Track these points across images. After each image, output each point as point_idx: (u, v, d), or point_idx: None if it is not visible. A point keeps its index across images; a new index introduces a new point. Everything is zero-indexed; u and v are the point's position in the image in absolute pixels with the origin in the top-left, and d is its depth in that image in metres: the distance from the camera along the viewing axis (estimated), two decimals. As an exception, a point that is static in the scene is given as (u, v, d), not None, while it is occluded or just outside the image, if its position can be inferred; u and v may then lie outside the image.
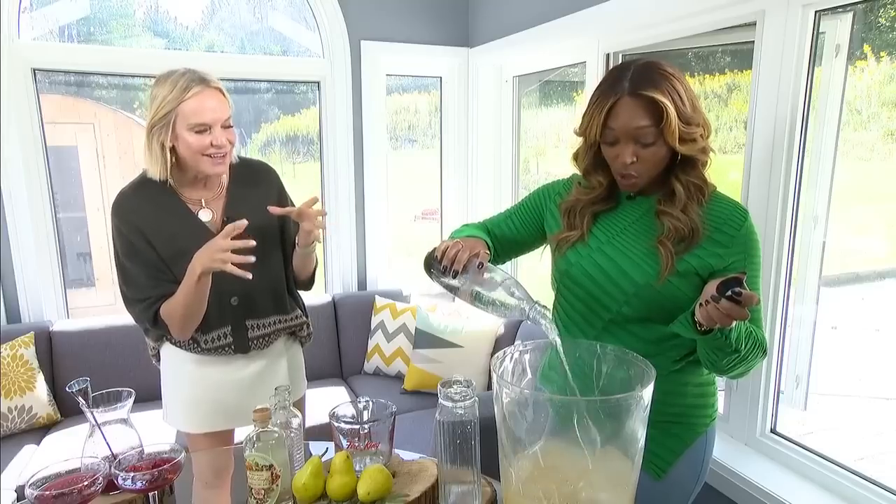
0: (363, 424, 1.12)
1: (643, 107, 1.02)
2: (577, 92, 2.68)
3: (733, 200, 1.16)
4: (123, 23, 2.76)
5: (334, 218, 2.96)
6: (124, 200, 1.42)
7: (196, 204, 1.45)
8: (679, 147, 1.04)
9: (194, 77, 1.33)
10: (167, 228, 1.40)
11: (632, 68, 1.06)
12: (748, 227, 1.12)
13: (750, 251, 1.11)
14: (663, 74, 1.04)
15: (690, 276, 1.09)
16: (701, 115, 1.07)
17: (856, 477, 1.44)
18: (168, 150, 1.36)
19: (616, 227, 1.18)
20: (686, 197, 1.08)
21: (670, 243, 1.08)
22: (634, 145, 1.05)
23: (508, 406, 0.90)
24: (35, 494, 0.93)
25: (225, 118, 1.37)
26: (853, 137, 1.75)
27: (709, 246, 1.10)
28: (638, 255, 1.13)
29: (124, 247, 1.40)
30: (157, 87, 1.35)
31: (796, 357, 1.76)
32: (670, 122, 1.01)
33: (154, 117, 1.33)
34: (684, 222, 1.08)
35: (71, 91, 2.85)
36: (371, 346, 2.81)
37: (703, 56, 2.41)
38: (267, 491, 1.02)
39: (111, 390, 1.10)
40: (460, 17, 2.99)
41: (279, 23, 2.87)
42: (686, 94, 1.04)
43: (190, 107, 1.32)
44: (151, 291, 1.39)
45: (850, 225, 1.88)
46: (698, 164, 1.09)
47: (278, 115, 3.21)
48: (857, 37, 1.54)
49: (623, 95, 1.03)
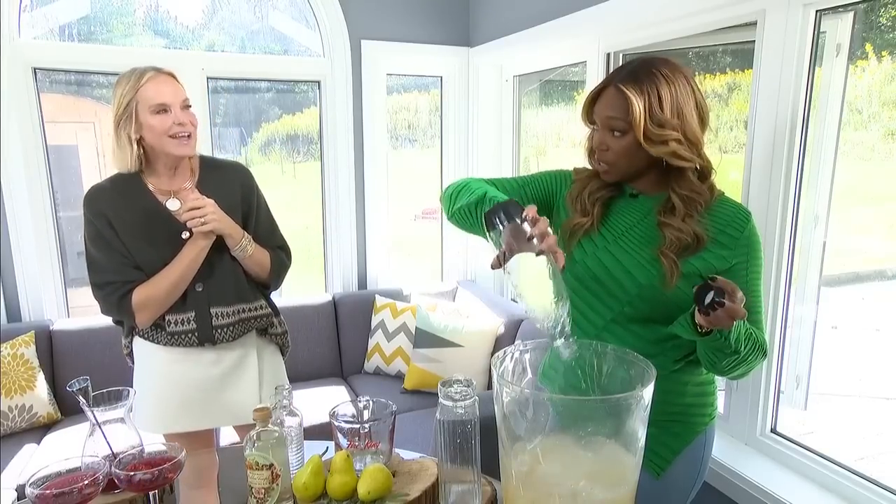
0: (363, 424, 1.12)
1: (618, 98, 1.07)
2: (577, 91, 2.68)
3: (737, 203, 1.16)
4: (124, 22, 2.76)
5: (335, 217, 2.96)
6: (95, 192, 1.48)
7: (165, 195, 1.50)
8: (645, 144, 1.07)
9: (147, 67, 1.44)
10: (135, 217, 1.46)
11: (630, 62, 1.11)
12: (751, 228, 1.13)
13: (752, 253, 1.12)
14: (652, 74, 1.06)
15: (694, 277, 1.10)
16: (687, 122, 1.07)
17: (856, 477, 1.44)
18: (135, 141, 1.43)
19: (620, 227, 1.18)
20: (684, 208, 1.10)
21: (673, 253, 1.09)
22: (607, 133, 1.11)
23: (509, 405, 0.90)
24: (36, 493, 0.93)
25: (182, 99, 1.44)
26: (853, 137, 1.75)
27: (713, 248, 1.11)
28: (642, 257, 1.13)
29: (91, 234, 1.46)
30: (116, 87, 1.44)
31: (797, 357, 1.76)
32: (635, 119, 1.05)
33: (117, 112, 1.41)
34: (686, 232, 1.09)
35: (71, 90, 2.85)
36: (371, 345, 2.81)
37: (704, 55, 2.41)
38: (267, 490, 1.02)
39: (111, 389, 1.10)
40: (461, 17, 2.99)
41: (280, 22, 2.87)
42: (671, 98, 1.06)
43: (147, 92, 1.40)
44: (115, 276, 1.45)
45: (851, 225, 1.88)
46: (686, 172, 1.10)
47: (279, 115, 3.21)
48: (857, 36, 1.54)
49: (609, 85, 1.10)
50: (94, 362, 2.38)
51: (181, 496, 1.23)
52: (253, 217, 1.59)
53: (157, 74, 1.43)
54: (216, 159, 1.64)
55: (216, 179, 1.56)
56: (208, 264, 1.49)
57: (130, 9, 2.72)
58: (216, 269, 1.51)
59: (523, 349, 1.05)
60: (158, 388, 1.54)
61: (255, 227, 1.59)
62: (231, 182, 1.58)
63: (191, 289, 1.50)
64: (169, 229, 1.47)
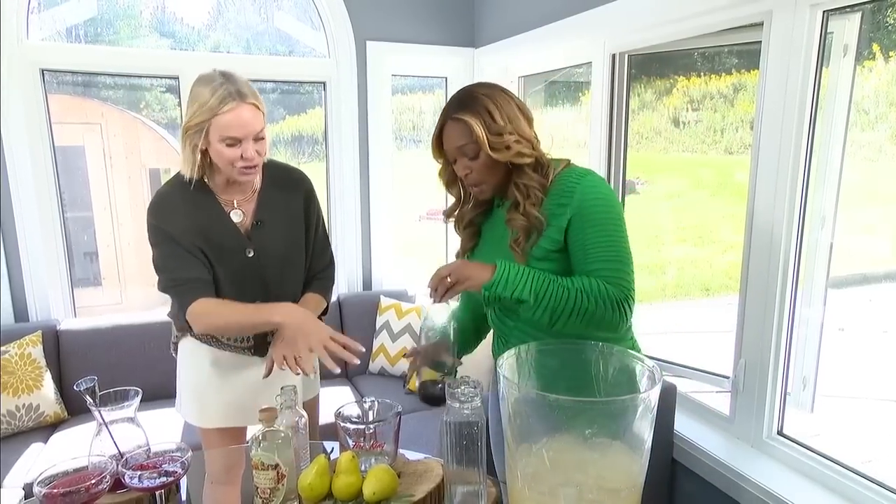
0: (369, 424, 1.12)
1: (459, 128, 1.21)
2: (582, 92, 2.67)
3: (577, 171, 1.23)
4: (130, 23, 2.77)
5: (340, 218, 2.96)
6: (161, 200, 1.44)
7: (228, 204, 1.46)
8: (494, 154, 1.19)
9: (231, 91, 1.32)
10: (202, 226, 1.42)
11: (453, 97, 1.25)
12: (582, 189, 1.18)
13: (583, 211, 1.18)
14: (474, 97, 1.21)
15: (551, 255, 1.20)
16: (516, 123, 1.21)
17: (864, 479, 1.43)
18: (200, 152, 1.37)
19: (496, 234, 1.31)
20: (523, 198, 1.21)
21: (522, 242, 1.22)
22: (464, 159, 1.23)
23: (514, 406, 0.90)
24: (43, 492, 0.93)
25: (257, 131, 1.36)
26: (860, 138, 1.74)
27: (554, 221, 1.20)
28: (513, 257, 1.23)
29: (157, 238, 1.42)
30: (197, 87, 1.35)
31: (803, 359, 1.75)
32: (478, 137, 1.18)
33: (189, 122, 1.34)
34: (527, 219, 1.21)
35: (78, 91, 2.87)
36: (376, 345, 2.81)
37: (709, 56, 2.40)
38: (272, 490, 1.02)
39: (118, 389, 1.10)
40: (466, 18, 2.99)
41: (285, 23, 2.87)
42: (498, 110, 1.20)
43: (224, 121, 1.32)
44: (181, 273, 1.40)
45: (858, 226, 1.87)
46: (524, 167, 1.22)
47: (283, 116, 3.22)
48: (865, 37, 1.53)
49: (446, 121, 1.23)
50: (100, 362, 2.39)
51: (206, 490, 1.24)
52: (313, 229, 1.56)
53: (238, 105, 1.32)
54: (279, 165, 1.56)
55: (280, 187, 1.52)
56: (266, 281, 1.47)
57: (136, 10, 2.73)
58: (279, 287, 1.49)
59: (528, 349, 1.05)
60: (201, 384, 1.53)
61: (314, 240, 1.57)
62: (295, 190, 1.54)
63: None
64: (232, 242, 1.44)
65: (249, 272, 1.45)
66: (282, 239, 1.49)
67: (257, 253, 1.45)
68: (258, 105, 1.36)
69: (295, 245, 1.53)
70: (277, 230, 1.49)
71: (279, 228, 1.49)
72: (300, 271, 1.55)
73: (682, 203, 4.10)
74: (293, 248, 1.52)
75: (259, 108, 1.36)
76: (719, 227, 3.91)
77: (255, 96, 1.36)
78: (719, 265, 3.94)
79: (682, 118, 3.27)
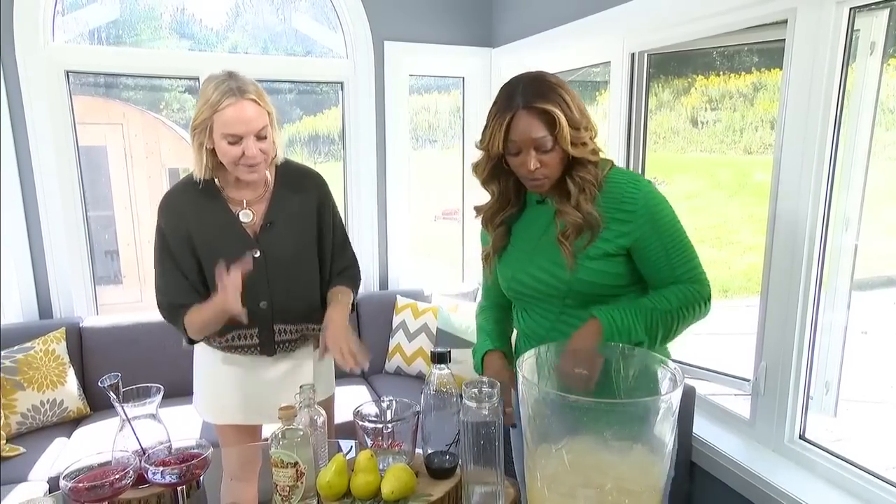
0: (387, 423, 1.12)
1: (538, 118, 1.12)
2: (599, 92, 2.65)
3: (627, 175, 1.22)
4: (150, 25, 2.81)
5: (356, 217, 2.97)
6: (169, 199, 1.46)
7: (238, 204, 1.47)
8: (572, 151, 1.14)
9: (232, 87, 1.33)
10: (207, 228, 1.44)
11: (521, 84, 1.15)
12: (644, 197, 1.17)
13: (654, 220, 1.17)
14: (551, 86, 1.14)
15: (606, 258, 1.18)
16: (587, 118, 1.17)
17: (887, 485, 1.40)
18: (207, 151, 1.39)
19: (535, 231, 1.27)
20: (578, 193, 1.17)
21: (572, 237, 1.18)
22: (536, 153, 1.14)
23: (534, 406, 0.90)
24: (69, 486, 0.95)
25: (259, 129, 1.35)
26: (885, 137, 1.71)
27: (614, 226, 1.18)
28: (559, 254, 1.21)
29: (161, 248, 1.45)
30: (203, 86, 1.37)
31: (826, 362, 1.72)
32: (563, 129, 1.11)
33: (195, 119, 1.37)
34: (580, 214, 1.17)
35: (100, 92, 2.92)
36: (392, 345, 2.82)
37: (729, 55, 2.37)
38: (292, 488, 1.03)
39: (140, 386, 1.12)
40: (483, 18, 2.98)
41: (302, 24, 2.89)
42: (573, 101, 1.14)
43: (224, 117, 1.33)
44: (176, 299, 1.45)
45: (884, 227, 1.83)
46: (588, 164, 1.18)
47: (300, 116, 3.24)
48: (892, 34, 1.50)
49: (519, 109, 1.12)
50: (122, 358, 2.43)
51: (224, 486, 1.26)
52: (329, 231, 1.56)
53: (237, 101, 1.32)
54: (292, 165, 1.56)
55: (293, 188, 1.51)
56: (273, 282, 1.47)
57: (157, 12, 2.77)
58: (286, 289, 1.48)
59: (546, 349, 1.04)
60: (214, 382, 1.55)
61: (332, 241, 1.56)
62: (307, 191, 1.53)
63: (255, 307, 1.45)
64: (237, 243, 1.44)
65: (255, 273, 1.43)
66: (291, 240, 1.49)
67: (264, 254, 1.46)
68: (259, 102, 1.36)
69: (306, 247, 1.52)
70: (287, 231, 1.49)
71: (289, 229, 1.49)
72: (312, 272, 1.54)
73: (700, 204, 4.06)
74: (304, 250, 1.51)
75: (261, 105, 1.37)
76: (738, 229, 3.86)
77: (257, 93, 1.36)
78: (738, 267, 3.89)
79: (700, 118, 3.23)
